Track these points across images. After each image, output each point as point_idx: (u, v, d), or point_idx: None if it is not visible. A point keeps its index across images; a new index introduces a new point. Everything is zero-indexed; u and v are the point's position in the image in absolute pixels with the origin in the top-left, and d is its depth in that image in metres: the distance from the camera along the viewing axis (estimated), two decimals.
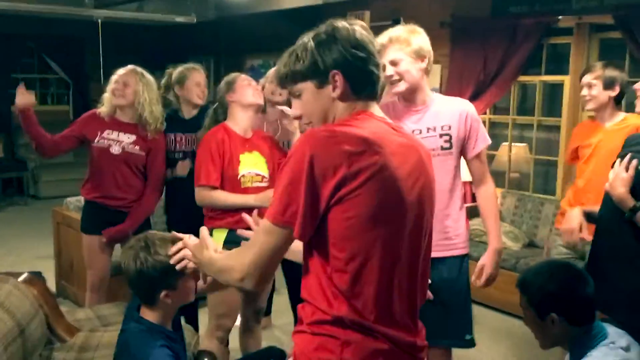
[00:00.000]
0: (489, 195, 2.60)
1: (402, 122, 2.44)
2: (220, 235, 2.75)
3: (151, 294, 1.91)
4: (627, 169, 2.17)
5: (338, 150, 1.33)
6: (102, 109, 3.30)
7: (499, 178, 5.53)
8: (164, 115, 3.36)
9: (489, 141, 2.56)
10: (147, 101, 3.27)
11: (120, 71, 3.31)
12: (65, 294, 4.49)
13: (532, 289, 1.94)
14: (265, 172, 2.88)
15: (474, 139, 2.50)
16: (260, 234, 1.43)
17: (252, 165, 2.85)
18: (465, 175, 5.30)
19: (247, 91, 2.89)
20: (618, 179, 2.18)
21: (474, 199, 5.53)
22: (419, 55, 2.39)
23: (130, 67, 3.34)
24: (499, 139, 5.53)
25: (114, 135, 3.26)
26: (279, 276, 3.80)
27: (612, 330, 1.91)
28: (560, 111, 4.99)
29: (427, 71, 2.45)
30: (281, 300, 3.96)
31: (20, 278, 2.38)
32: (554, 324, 1.89)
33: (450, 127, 2.46)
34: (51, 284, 4.31)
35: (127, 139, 3.27)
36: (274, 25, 7.07)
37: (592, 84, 3.07)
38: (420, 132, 2.44)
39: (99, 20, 6.68)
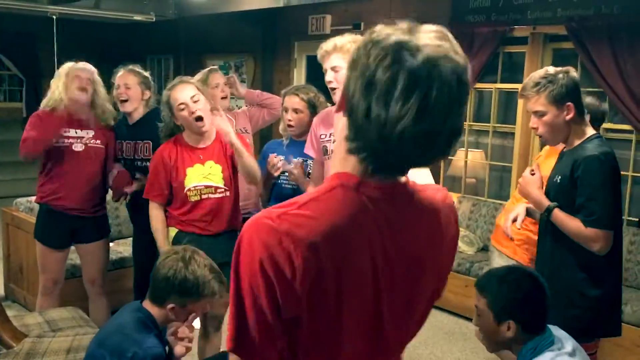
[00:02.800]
0: None
1: (334, 121, 2.57)
2: (171, 233, 2.87)
3: (162, 298, 2.03)
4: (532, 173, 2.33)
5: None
6: (59, 106, 3.12)
7: (455, 183, 5.63)
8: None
9: None
10: (103, 95, 3.29)
11: (77, 71, 3.17)
12: (14, 297, 4.35)
13: (496, 294, 1.94)
14: (219, 182, 2.83)
15: None
16: None
17: (201, 177, 2.81)
18: (428, 179, 5.31)
19: (187, 119, 2.76)
20: (530, 183, 2.29)
21: None
22: None
23: (81, 63, 3.24)
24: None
25: (73, 132, 3.18)
26: None
27: (558, 334, 1.96)
28: (514, 118, 5.11)
29: None
30: None
31: None
32: (509, 330, 1.92)
33: None
34: None
35: (87, 134, 3.21)
36: (234, 26, 7.04)
37: None
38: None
39: (54, 17, 6.51)
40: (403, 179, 1.08)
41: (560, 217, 2.21)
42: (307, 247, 0.97)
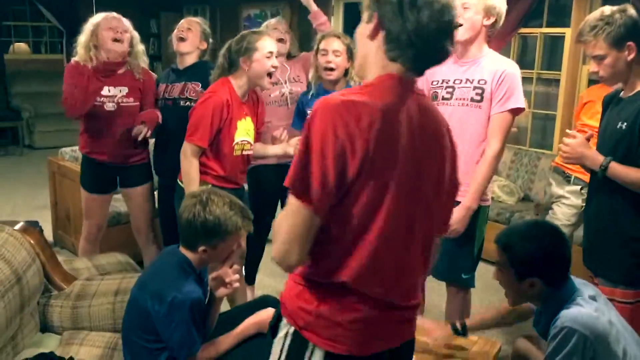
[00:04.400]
0: (486, 157, 2.57)
1: (448, 70, 2.60)
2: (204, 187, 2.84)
3: (192, 243, 2.06)
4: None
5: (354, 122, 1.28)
6: (93, 59, 3.13)
7: None
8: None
9: (517, 105, 2.54)
10: (139, 46, 3.29)
11: (111, 20, 3.16)
12: (62, 244, 4.52)
13: (518, 252, 1.93)
14: (252, 138, 2.88)
15: (497, 100, 2.53)
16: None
17: (245, 132, 2.83)
18: None
19: (265, 69, 2.72)
20: (581, 144, 2.19)
21: None
22: (488, 12, 2.53)
23: (115, 14, 3.22)
24: None
25: (105, 90, 3.16)
26: None
27: (577, 281, 1.96)
28: (560, 64, 4.94)
29: (489, 29, 2.58)
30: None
31: (17, 227, 2.39)
32: (532, 287, 1.91)
33: (485, 82, 2.55)
34: (48, 234, 4.33)
35: (120, 92, 3.20)
36: None
37: None
38: (461, 82, 2.60)
39: None
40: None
41: (619, 169, 2.11)
42: (372, 113, 1.28)
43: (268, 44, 2.74)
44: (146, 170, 3.45)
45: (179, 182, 2.88)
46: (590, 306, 1.83)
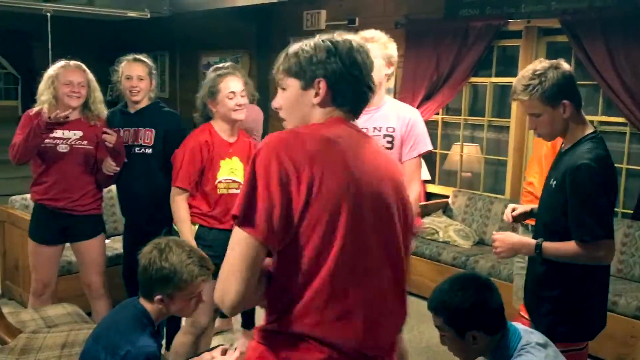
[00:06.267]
0: (412, 201, 2.65)
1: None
2: (194, 228, 2.89)
3: (149, 291, 2.03)
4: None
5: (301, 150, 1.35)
6: (46, 109, 3.10)
7: (450, 177, 5.63)
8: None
9: (427, 148, 2.68)
10: (97, 93, 3.27)
11: (69, 74, 3.14)
12: (10, 295, 4.35)
13: (448, 310, 1.92)
14: (241, 178, 2.89)
15: (409, 146, 2.65)
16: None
17: (230, 172, 2.89)
18: (424, 174, 5.41)
19: (229, 106, 2.85)
20: (507, 238, 2.24)
21: (428, 197, 5.64)
22: (390, 62, 2.61)
23: (73, 63, 3.21)
24: (451, 139, 5.63)
25: (59, 133, 3.14)
26: None
27: (521, 329, 1.95)
28: (509, 112, 5.11)
29: (388, 78, 2.67)
30: None
31: None
32: (475, 340, 1.89)
33: (394, 130, 2.63)
34: None
35: (74, 135, 3.18)
36: (229, 23, 7.02)
37: None
38: (368, 131, 2.60)
39: (48, 14, 6.49)
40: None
41: (551, 249, 2.13)
42: (318, 139, 1.38)
43: (230, 84, 2.86)
44: (98, 221, 3.38)
45: (175, 227, 2.93)
46: (540, 353, 1.83)
